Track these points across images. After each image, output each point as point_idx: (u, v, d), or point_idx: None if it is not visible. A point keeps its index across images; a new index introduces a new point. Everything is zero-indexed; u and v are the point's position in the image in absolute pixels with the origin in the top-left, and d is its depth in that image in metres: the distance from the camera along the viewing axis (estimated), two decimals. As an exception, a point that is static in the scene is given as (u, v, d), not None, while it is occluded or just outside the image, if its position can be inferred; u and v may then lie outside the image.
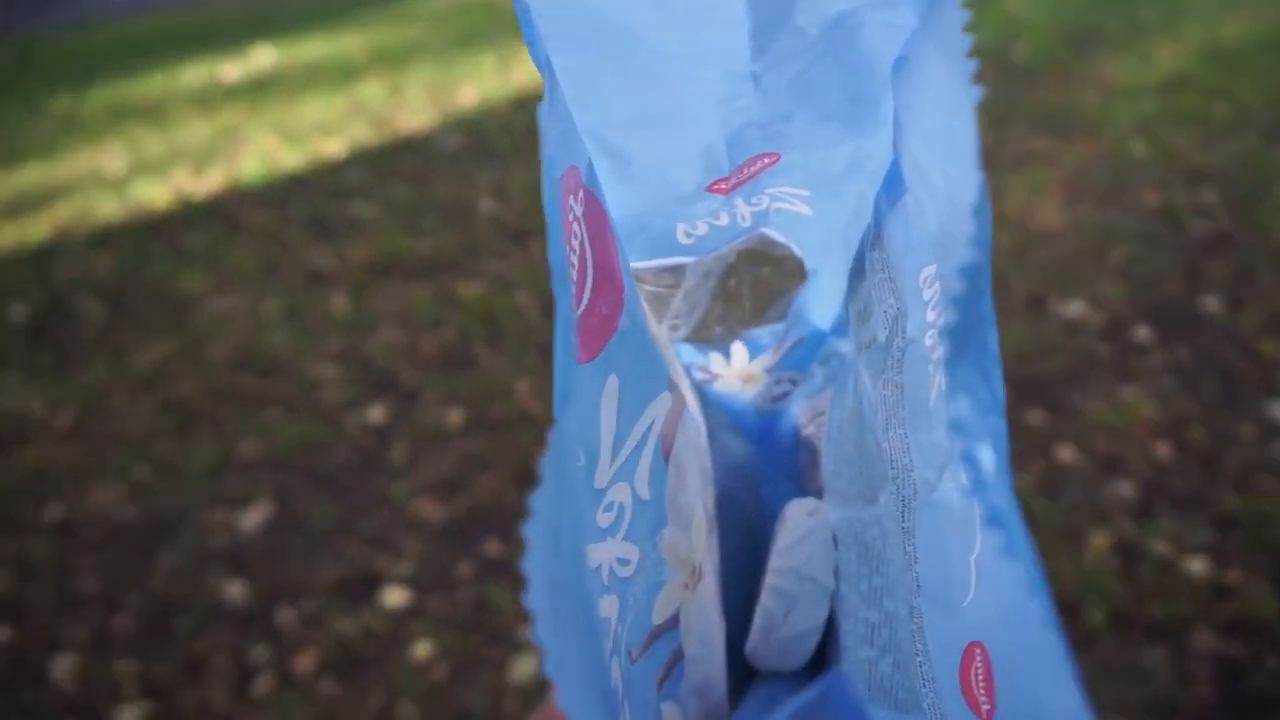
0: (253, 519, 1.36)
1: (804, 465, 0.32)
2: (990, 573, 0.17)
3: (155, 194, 2.46)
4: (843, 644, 0.27)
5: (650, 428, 0.24)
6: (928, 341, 0.22)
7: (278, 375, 1.68)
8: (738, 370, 0.32)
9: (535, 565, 0.16)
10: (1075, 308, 1.61)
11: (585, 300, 0.22)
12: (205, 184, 2.48)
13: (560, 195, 0.22)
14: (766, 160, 0.26)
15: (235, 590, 1.25)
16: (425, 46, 3.41)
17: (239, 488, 1.42)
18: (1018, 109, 2.32)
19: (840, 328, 0.31)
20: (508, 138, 2.55)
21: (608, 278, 0.22)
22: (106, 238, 2.25)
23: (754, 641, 0.27)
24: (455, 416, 1.52)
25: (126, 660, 1.17)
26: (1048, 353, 1.50)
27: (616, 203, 0.26)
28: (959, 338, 0.18)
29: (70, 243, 2.24)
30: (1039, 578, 0.16)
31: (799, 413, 0.33)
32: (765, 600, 0.26)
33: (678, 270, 0.29)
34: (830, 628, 0.28)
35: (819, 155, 0.26)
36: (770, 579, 0.27)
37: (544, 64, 0.22)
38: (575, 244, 0.22)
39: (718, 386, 0.32)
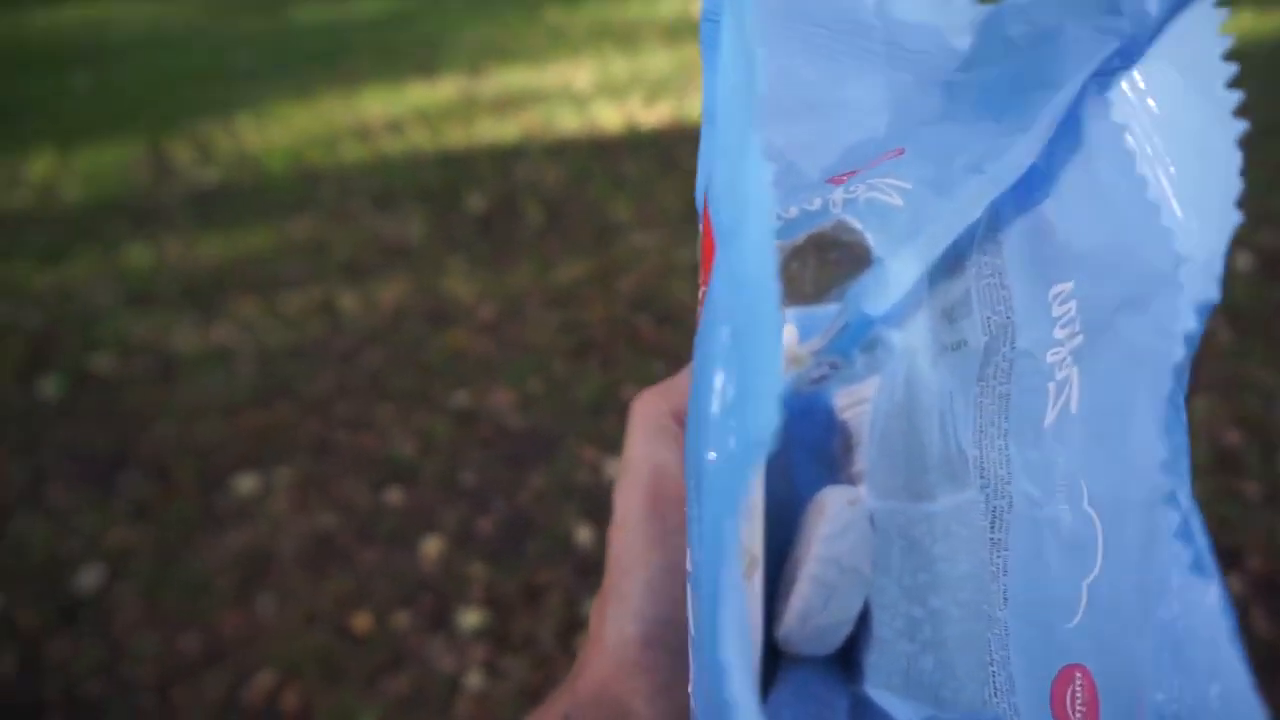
0: (617, 468, 1.37)
1: (837, 450, 0.32)
2: (1156, 607, 0.17)
3: (609, 116, 2.59)
4: (876, 634, 0.27)
5: None
6: (1049, 358, 0.22)
7: (673, 326, 1.68)
8: (787, 351, 0.31)
9: (731, 646, 0.15)
10: None
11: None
12: (654, 115, 2.57)
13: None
14: (893, 155, 0.25)
15: (585, 534, 1.27)
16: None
17: (613, 431, 1.44)
18: None
19: (894, 318, 0.30)
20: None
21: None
22: (561, 149, 2.43)
23: (789, 627, 0.27)
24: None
25: (479, 563, 1.25)
26: None
27: None
28: (1179, 379, 0.18)
29: (531, 147, 2.45)
30: (1235, 623, 0.16)
31: (837, 396, 0.33)
32: (804, 588, 0.27)
33: None
34: (862, 617, 0.28)
35: (942, 152, 0.25)
36: (811, 568, 0.27)
37: (710, 41, 0.22)
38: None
39: None
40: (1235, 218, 0.17)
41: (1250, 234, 1.72)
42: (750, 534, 0.25)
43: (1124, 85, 0.21)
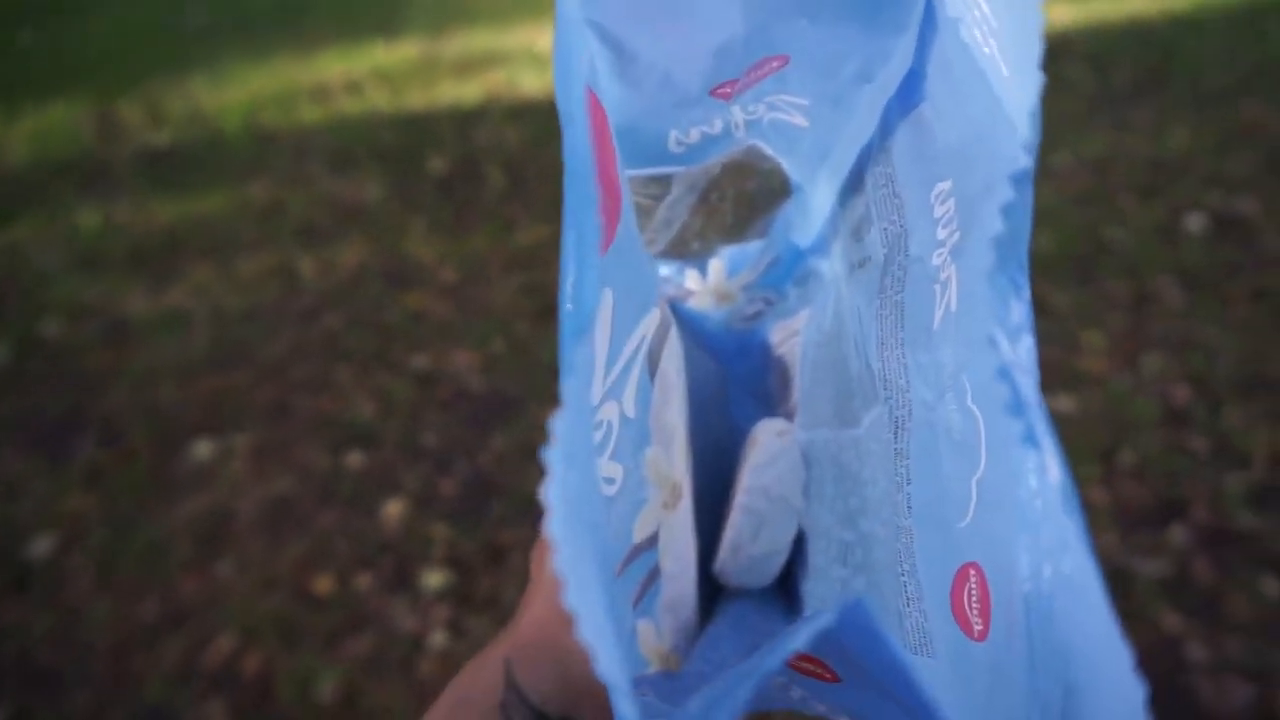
0: (579, 428, 1.37)
1: (774, 385, 0.32)
2: (1013, 492, 0.17)
3: (573, 78, 2.56)
4: (812, 563, 0.28)
5: (640, 345, 0.24)
6: (935, 260, 0.21)
7: (636, 287, 1.67)
8: (714, 287, 0.31)
9: (556, 490, 0.14)
10: None
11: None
12: (618, 77, 2.54)
13: (585, 96, 0.21)
14: (775, 64, 0.25)
15: (547, 494, 1.27)
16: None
17: (575, 391, 1.44)
18: None
19: (820, 246, 0.30)
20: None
21: (608, 185, 0.21)
22: (522, 112, 2.39)
23: (723, 559, 0.27)
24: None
25: (442, 524, 1.25)
26: None
27: (614, 104, 0.24)
28: (1003, 248, 0.17)
29: (493, 110, 2.41)
30: (1073, 497, 0.15)
31: (772, 332, 0.32)
32: (735, 519, 0.27)
33: (665, 180, 0.28)
34: (797, 547, 0.28)
35: (830, 61, 0.25)
36: (740, 498, 0.27)
37: None
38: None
39: (691, 304, 0.32)
40: (1038, 78, 0.17)
41: (1201, 197, 1.75)
42: (665, 460, 0.25)
43: None
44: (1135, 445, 1.25)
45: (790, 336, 0.31)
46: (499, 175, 2.09)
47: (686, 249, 0.31)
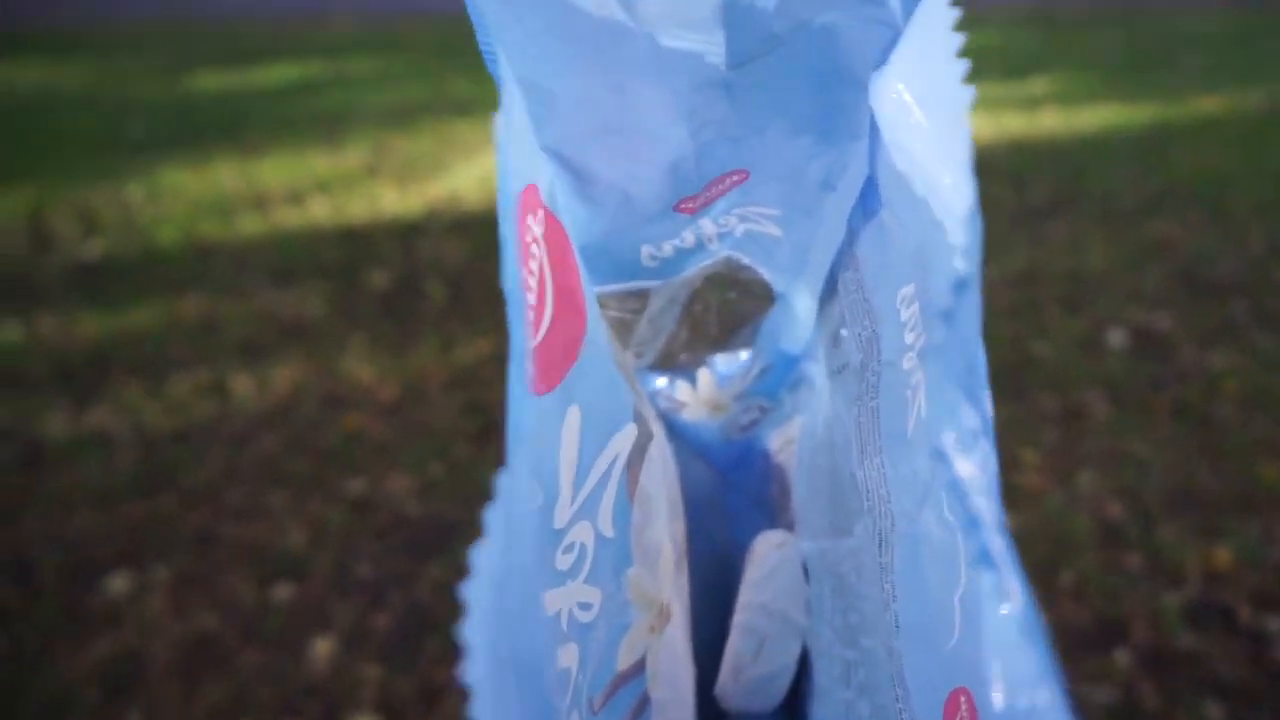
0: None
1: (775, 495, 0.31)
2: (979, 615, 0.16)
3: (516, 191, 2.60)
4: (817, 683, 0.26)
5: (614, 462, 0.23)
6: (906, 364, 0.21)
7: (578, 404, 1.66)
8: (705, 398, 0.31)
9: (476, 630, 0.14)
10: None
11: (545, 327, 0.21)
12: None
13: (517, 213, 0.21)
14: (735, 178, 0.25)
15: (486, 628, 1.22)
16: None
17: (516, 516, 1.40)
18: None
19: (811, 352, 0.30)
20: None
21: (569, 302, 0.21)
22: (463, 224, 2.42)
23: (723, 681, 0.26)
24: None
25: (374, 665, 1.19)
26: None
27: (579, 224, 0.25)
28: (946, 356, 0.17)
29: (435, 224, 2.43)
30: (1035, 622, 0.15)
31: (771, 440, 0.31)
32: (734, 638, 0.26)
33: (642, 294, 0.28)
34: (803, 666, 0.27)
35: (790, 172, 0.25)
36: (739, 616, 0.26)
37: (500, 75, 0.21)
38: (534, 266, 0.21)
39: (684, 415, 0.31)
40: (972, 184, 0.17)
41: (1120, 312, 1.83)
42: (650, 580, 0.24)
43: (891, 71, 0.21)
44: (1073, 564, 1.26)
45: (787, 444, 0.30)
46: (440, 290, 2.09)
47: (675, 361, 0.30)
